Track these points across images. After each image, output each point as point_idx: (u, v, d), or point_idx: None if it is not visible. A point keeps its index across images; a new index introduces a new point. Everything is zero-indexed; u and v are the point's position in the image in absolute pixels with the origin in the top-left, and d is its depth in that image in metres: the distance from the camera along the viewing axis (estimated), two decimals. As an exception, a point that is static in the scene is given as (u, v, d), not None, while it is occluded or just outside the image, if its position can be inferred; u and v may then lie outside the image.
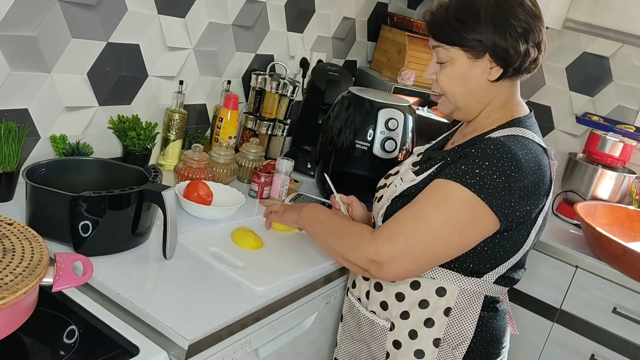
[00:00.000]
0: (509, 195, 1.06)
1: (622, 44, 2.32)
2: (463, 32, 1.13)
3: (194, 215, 1.47)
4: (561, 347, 1.97)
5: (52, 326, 0.99)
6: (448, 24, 1.14)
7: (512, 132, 1.14)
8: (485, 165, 1.06)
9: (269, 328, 1.21)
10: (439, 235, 1.08)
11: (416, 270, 1.13)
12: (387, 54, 2.41)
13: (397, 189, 1.22)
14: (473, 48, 1.13)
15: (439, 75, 1.19)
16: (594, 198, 2.16)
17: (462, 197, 1.06)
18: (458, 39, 1.14)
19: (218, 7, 1.75)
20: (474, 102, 1.19)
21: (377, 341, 1.25)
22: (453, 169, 1.09)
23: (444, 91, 1.20)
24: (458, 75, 1.16)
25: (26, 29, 1.32)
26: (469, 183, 1.06)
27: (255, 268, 1.28)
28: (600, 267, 1.88)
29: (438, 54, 1.18)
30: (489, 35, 1.12)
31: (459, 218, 1.07)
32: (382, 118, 1.68)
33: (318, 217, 1.29)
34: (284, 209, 1.42)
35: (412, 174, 1.23)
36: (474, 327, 1.18)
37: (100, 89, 1.53)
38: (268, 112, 1.94)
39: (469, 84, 1.17)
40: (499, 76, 1.15)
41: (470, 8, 1.13)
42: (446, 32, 1.14)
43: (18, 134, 1.29)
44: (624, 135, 2.19)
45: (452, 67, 1.16)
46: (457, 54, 1.15)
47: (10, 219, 1.01)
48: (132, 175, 1.31)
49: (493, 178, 1.05)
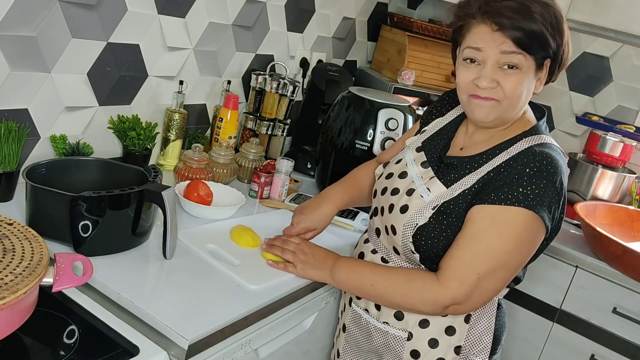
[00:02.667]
0: (556, 206, 1.08)
1: (622, 44, 2.32)
2: (552, 44, 1.09)
3: (194, 215, 1.47)
4: (561, 347, 1.97)
5: (52, 326, 0.98)
6: (542, 35, 1.07)
7: (543, 141, 1.14)
8: (543, 184, 1.06)
9: (269, 328, 1.21)
10: (509, 262, 1.09)
11: (491, 298, 1.14)
12: (387, 54, 2.41)
13: (425, 200, 1.16)
14: (543, 60, 1.11)
15: (503, 81, 1.09)
16: (594, 198, 2.16)
17: (525, 220, 1.06)
18: (547, 52, 1.09)
19: (218, 7, 1.75)
20: (519, 110, 1.15)
21: (391, 352, 1.23)
22: (510, 193, 1.06)
23: (508, 97, 1.11)
24: (525, 83, 1.11)
25: (26, 29, 1.32)
26: (531, 205, 1.05)
27: (251, 266, 1.28)
28: (600, 267, 1.88)
29: (510, 58, 1.08)
30: (564, 53, 1.12)
31: (523, 240, 1.08)
32: (382, 118, 1.68)
33: (363, 278, 1.19)
34: (303, 263, 1.27)
35: (441, 184, 1.17)
36: (492, 332, 1.18)
37: (100, 89, 1.53)
38: (268, 112, 1.93)
39: (525, 92, 1.12)
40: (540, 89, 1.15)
41: (559, 22, 1.09)
42: (537, 43, 1.07)
43: (18, 134, 1.29)
44: (624, 135, 2.19)
45: (520, 74, 1.09)
46: (530, 63, 1.10)
47: (10, 219, 1.01)
48: (132, 175, 1.31)
49: (549, 194, 1.06)
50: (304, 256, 1.28)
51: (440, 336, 1.17)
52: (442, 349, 1.17)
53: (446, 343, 1.17)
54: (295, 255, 1.29)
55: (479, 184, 1.12)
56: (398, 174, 1.26)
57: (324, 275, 1.25)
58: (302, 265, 1.27)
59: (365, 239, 1.33)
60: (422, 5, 2.73)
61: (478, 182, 1.13)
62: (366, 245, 1.31)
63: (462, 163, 1.17)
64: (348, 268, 1.23)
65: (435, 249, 1.13)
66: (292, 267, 1.28)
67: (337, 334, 1.40)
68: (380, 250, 1.27)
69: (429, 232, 1.14)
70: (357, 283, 1.21)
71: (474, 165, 1.16)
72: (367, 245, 1.31)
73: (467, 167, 1.16)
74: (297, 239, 1.33)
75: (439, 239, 1.13)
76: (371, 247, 1.29)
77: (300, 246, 1.30)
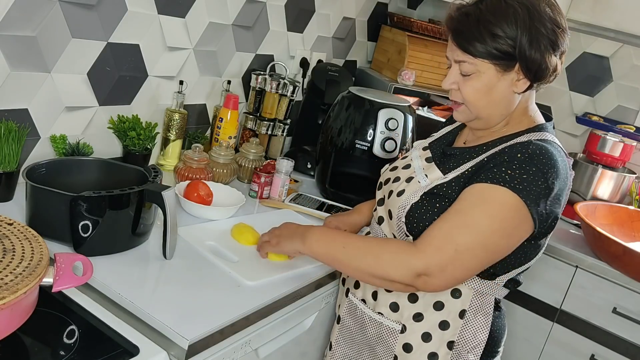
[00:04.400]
0: (546, 201, 1.06)
1: (622, 44, 2.32)
2: (497, 45, 1.07)
3: (194, 215, 1.47)
4: (561, 347, 1.97)
5: (52, 326, 0.98)
6: (481, 37, 1.07)
7: (545, 137, 1.13)
8: (532, 171, 1.05)
9: (269, 328, 1.21)
10: (490, 242, 1.07)
11: (463, 278, 1.11)
12: (387, 54, 2.41)
13: (422, 185, 1.18)
14: (504, 61, 1.09)
15: (462, 86, 1.13)
16: (594, 198, 2.16)
17: (511, 203, 1.05)
18: (489, 53, 1.08)
19: (218, 7, 1.75)
20: (496, 113, 1.15)
21: (384, 344, 1.23)
22: (498, 174, 1.06)
23: (467, 101, 1.14)
24: (484, 87, 1.11)
25: (26, 29, 1.32)
26: (518, 189, 1.04)
27: (249, 263, 1.29)
28: (600, 267, 1.88)
29: (462, 67, 1.12)
30: (522, 48, 1.07)
31: (508, 223, 1.06)
32: (382, 118, 1.68)
33: (334, 241, 1.18)
34: (278, 237, 1.27)
35: (438, 171, 1.19)
36: (487, 330, 1.18)
37: (100, 89, 1.53)
38: (268, 112, 1.93)
39: (495, 96, 1.12)
40: (525, 88, 1.12)
41: (504, 19, 1.06)
42: (476, 45, 1.08)
43: (18, 134, 1.29)
44: (624, 135, 2.19)
45: (478, 79, 1.11)
46: (486, 66, 1.09)
47: (10, 219, 1.01)
48: (132, 175, 1.31)
49: (538, 184, 1.05)
50: (278, 231, 1.28)
51: (434, 330, 1.17)
52: (434, 343, 1.17)
53: (439, 338, 1.17)
54: (270, 233, 1.30)
55: (473, 168, 1.14)
56: (402, 166, 1.29)
57: (296, 244, 1.22)
58: (276, 240, 1.27)
59: (367, 232, 1.35)
60: (422, 5, 2.73)
61: (472, 167, 1.14)
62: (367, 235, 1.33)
63: (463, 153, 1.19)
64: (321, 234, 1.21)
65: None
66: (267, 245, 1.29)
67: (332, 328, 1.40)
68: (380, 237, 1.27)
69: (420, 214, 1.14)
70: (329, 247, 1.18)
71: (472, 155, 1.17)
72: (367, 235, 1.33)
73: (466, 157, 1.18)
74: None
75: (430, 221, 1.13)
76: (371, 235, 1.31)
77: (276, 227, 1.31)
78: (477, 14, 1.09)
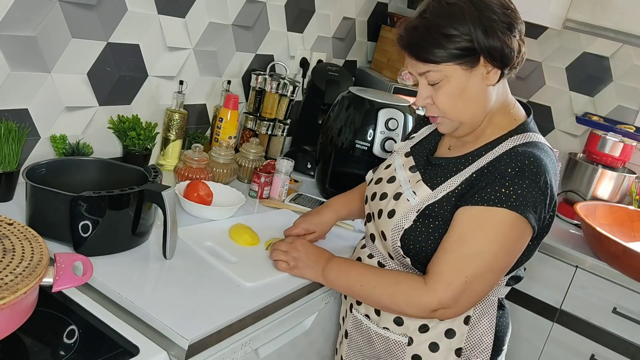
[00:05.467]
0: (542, 206, 1.07)
1: (622, 44, 2.32)
2: (453, 45, 1.05)
3: (194, 215, 1.47)
4: (561, 347, 1.97)
5: (52, 326, 0.98)
6: (435, 42, 1.06)
7: (530, 139, 1.12)
8: (525, 184, 1.05)
9: (269, 328, 1.21)
10: (496, 264, 1.08)
11: (478, 301, 1.13)
12: (387, 54, 2.41)
13: (411, 204, 1.16)
14: (467, 58, 1.07)
15: (435, 98, 1.11)
16: (594, 198, 2.16)
17: (509, 221, 1.05)
18: (450, 55, 1.06)
19: (218, 7, 1.75)
20: (478, 112, 1.13)
21: (393, 357, 1.23)
22: (492, 194, 1.05)
23: (445, 112, 1.12)
24: (457, 90, 1.09)
25: (26, 29, 1.32)
26: (514, 206, 1.04)
27: (247, 264, 1.29)
28: (600, 267, 1.88)
29: (428, 77, 1.10)
30: (480, 40, 1.05)
31: (509, 240, 1.07)
32: (382, 118, 1.68)
33: (351, 280, 1.20)
34: (296, 260, 1.27)
35: (426, 187, 1.16)
36: (492, 332, 1.18)
37: (100, 89, 1.53)
38: (268, 112, 1.94)
39: (470, 95, 1.10)
40: (498, 78, 1.10)
41: (452, 18, 1.05)
42: (435, 52, 1.06)
43: (18, 134, 1.29)
44: (624, 135, 2.19)
45: (448, 84, 1.09)
46: (451, 69, 1.07)
47: (10, 219, 1.01)
48: (132, 175, 1.31)
49: (532, 194, 1.05)
50: (297, 254, 1.28)
51: (440, 339, 1.17)
52: (442, 352, 1.17)
53: (446, 346, 1.17)
54: (287, 253, 1.28)
55: (463, 185, 1.12)
56: (387, 179, 1.27)
57: (316, 274, 1.26)
58: (294, 263, 1.27)
59: (362, 244, 1.34)
60: (422, 5, 2.73)
61: (462, 183, 1.12)
62: (363, 250, 1.32)
63: (449, 164, 1.17)
64: (339, 269, 1.23)
65: (424, 252, 1.13)
66: (285, 265, 1.28)
67: (339, 340, 1.40)
68: (377, 254, 1.27)
69: (415, 236, 1.14)
70: (346, 283, 1.21)
71: (459, 167, 1.15)
72: (363, 251, 1.31)
73: (453, 169, 1.16)
74: (292, 238, 1.34)
75: (426, 242, 1.13)
76: (368, 252, 1.29)
77: (294, 244, 1.29)
78: (425, 23, 1.07)
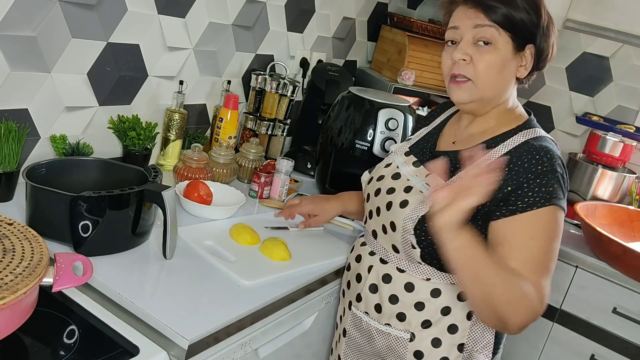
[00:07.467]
0: (565, 190, 1.11)
1: (622, 44, 2.32)
2: (527, 21, 1.09)
3: (194, 214, 1.47)
4: (561, 347, 1.97)
5: (52, 326, 0.98)
6: (517, 7, 1.08)
7: (539, 134, 1.15)
8: (555, 178, 1.07)
9: (268, 328, 1.21)
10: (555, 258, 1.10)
11: None
12: (387, 54, 2.41)
13: (426, 194, 1.15)
14: (522, 40, 1.10)
15: (477, 58, 1.10)
16: (594, 198, 2.16)
17: (555, 214, 1.07)
18: (520, 27, 1.08)
19: (218, 7, 1.75)
20: (500, 93, 1.14)
21: (394, 353, 1.22)
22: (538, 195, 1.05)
23: (479, 75, 1.11)
24: (499, 63, 1.10)
25: (26, 29, 1.32)
26: (557, 200, 1.07)
27: (246, 263, 1.29)
28: (600, 267, 1.88)
29: (483, 32, 1.09)
30: (541, 33, 1.10)
31: (559, 231, 1.09)
32: (382, 118, 1.68)
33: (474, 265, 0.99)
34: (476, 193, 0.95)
35: (438, 177, 1.13)
36: (494, 329, 1.17)
37: (100, 89, 1.53)
38: (268, 112, 1.93)
39: (504, 74, 1.11)
40: (525, 75, 1.14)
41: (537, 4, 1.11)
42: (511, 15, 1.08)
43: (18, 134, 1.29)
44: (624, 135, 2.19)
45: (495, 52, 1.09)
46: (506, 40, 1.09)
47: (10, 219, 1.01)
48: (132, 175, 1.31)
49: (562, 185, 1.08)
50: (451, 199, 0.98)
51: (443, 335, 1.17)
52: (445, 348, 1.17)
53: (449, 342, 1.17)
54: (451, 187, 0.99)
55: None
56: (390, 175, 1.26)
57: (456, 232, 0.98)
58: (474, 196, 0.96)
59: (362, 242, 1.33)
60: (422, 5, 2.73)
61: None
62: (363, 247, 1.31)
63: (456, 156, 1.18)
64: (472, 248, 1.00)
65: (437, 243, 1.12)
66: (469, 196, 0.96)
67: (336, 340, 1.39)
68: (378, 251, 1.26)
69: (423, 226, 1.13)
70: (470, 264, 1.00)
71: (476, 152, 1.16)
72: (364, 248, 1.30)
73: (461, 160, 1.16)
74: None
75: None
76: (369, 249, 1.28)
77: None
78: None
